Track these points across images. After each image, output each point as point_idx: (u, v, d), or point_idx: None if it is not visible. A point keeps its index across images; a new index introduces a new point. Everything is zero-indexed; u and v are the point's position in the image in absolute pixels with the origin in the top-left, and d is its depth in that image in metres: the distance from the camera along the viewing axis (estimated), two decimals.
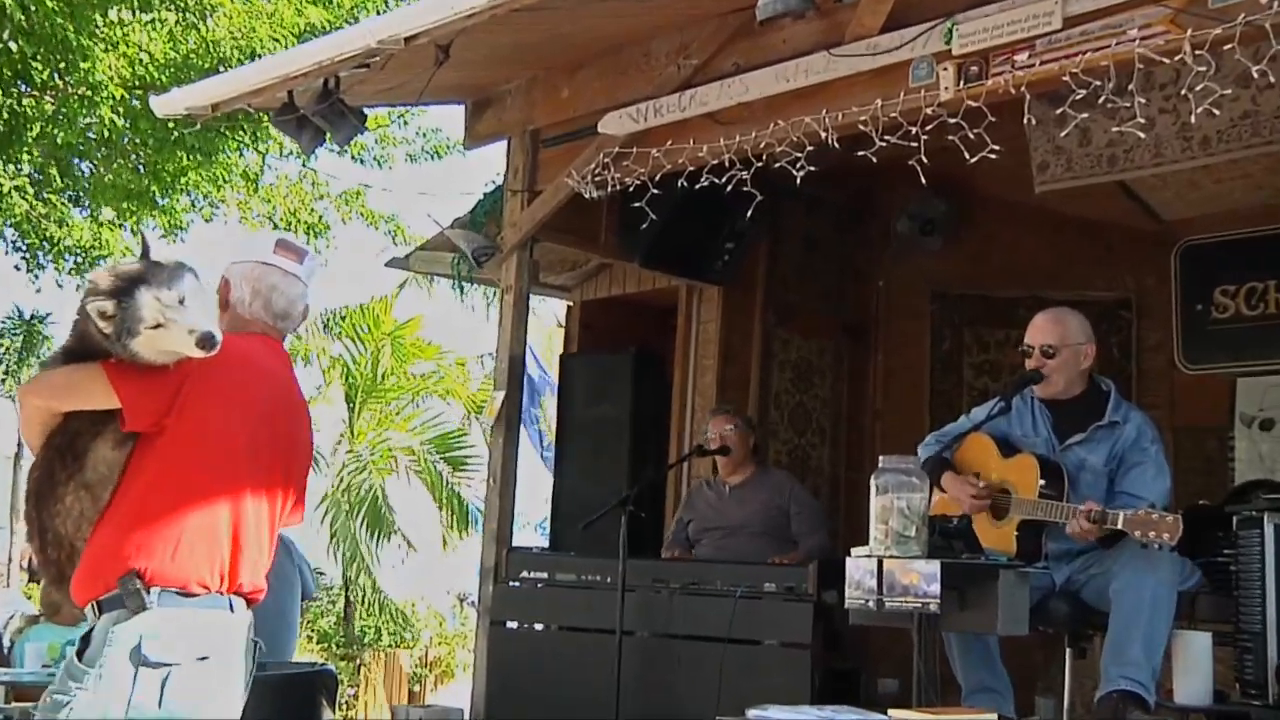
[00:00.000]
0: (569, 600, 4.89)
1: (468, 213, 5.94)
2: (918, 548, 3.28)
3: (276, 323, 2.69)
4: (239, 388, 2.52)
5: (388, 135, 10.58)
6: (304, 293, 2.72)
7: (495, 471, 5.23)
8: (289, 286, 2.69)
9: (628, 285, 6.56)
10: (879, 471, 3.35)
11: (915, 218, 6.22)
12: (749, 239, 5.96)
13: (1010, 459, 3.95)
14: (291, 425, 2.66)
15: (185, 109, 5.13)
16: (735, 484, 5.33)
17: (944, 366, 6.36)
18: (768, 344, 6.22)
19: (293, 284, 2.70)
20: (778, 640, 4.40)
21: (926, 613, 3.23)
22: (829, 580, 4.16)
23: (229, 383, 2.50)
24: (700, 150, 4.47)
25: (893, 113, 3.95)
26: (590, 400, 6.43)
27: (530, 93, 5.23)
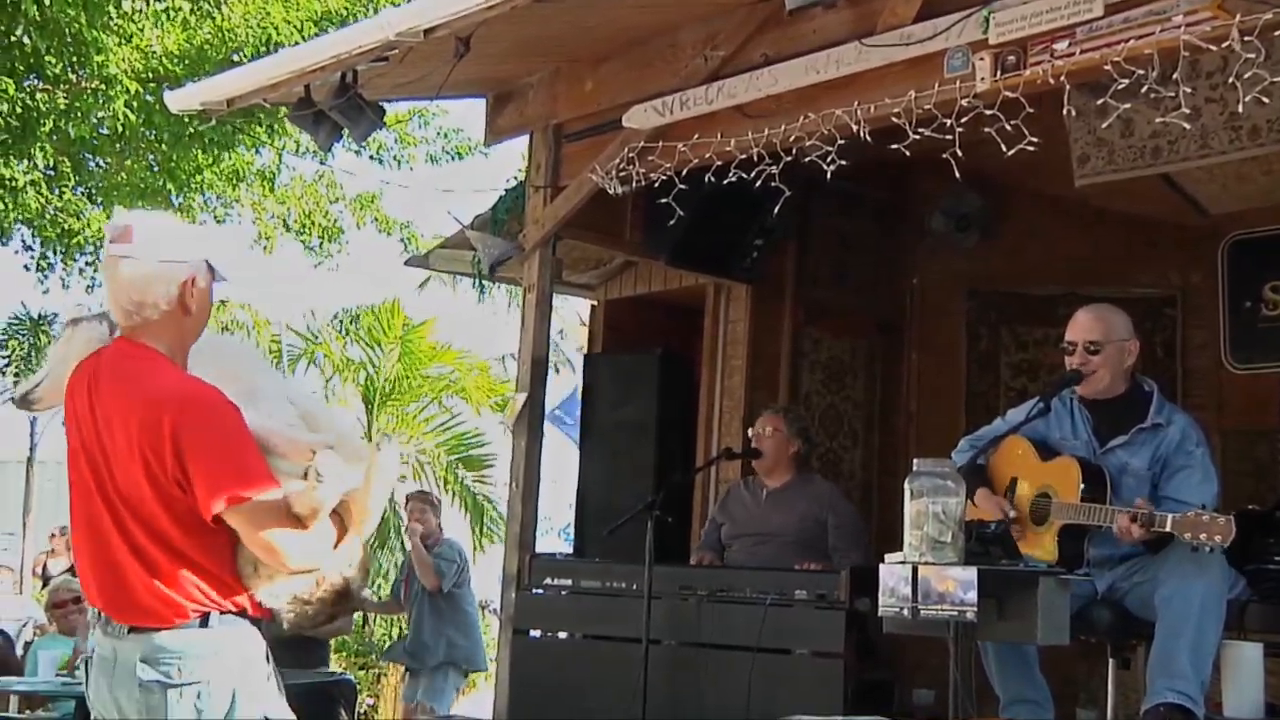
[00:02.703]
0: (594, 608, 4.89)
1: (489, 210, 5.95)
2: (954, 554, 3.27)
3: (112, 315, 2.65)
4: (68, 412, 2.61)
5: (407, 135, 10.63)
6: (118, 269, 2.57)
7: (518, 475, 5.24)
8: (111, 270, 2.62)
9: (653, 283, 6.55)
10: (913, 475, 3.34)
11: (950, 213, 6.19)
12: (778, 235, 5.95)
13: (1049, 462, 3.92)
14: (125, 426, 2.50)
15: (200, 104, 5.17)
16: (774, 488, 5.26)
17: (980, 366, 6.32)
18: (798, 343, 6.21)
19: (110, 266, 2.61)
20: (809, 649, 4.38)
21: (963, 621, 3.22)
22: (862, 587, 4.14)
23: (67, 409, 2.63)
24: (728, 144, 4.46)
25: (927, 104, 3.93)
26: (615, 402, 6.43)
27: (553, 86, 5.23)
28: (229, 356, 2.68)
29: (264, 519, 2.44)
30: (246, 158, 9.61)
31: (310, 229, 10.95)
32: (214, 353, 2.66)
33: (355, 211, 11.24)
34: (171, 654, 2.47)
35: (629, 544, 4.79)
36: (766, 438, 5.24)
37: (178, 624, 2.48)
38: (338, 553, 2.59)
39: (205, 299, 2.61)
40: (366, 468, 2.54)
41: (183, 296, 2.56)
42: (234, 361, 2.68)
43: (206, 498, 2.43)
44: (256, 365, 2.73)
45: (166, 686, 2.46)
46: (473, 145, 10.96)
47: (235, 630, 2.52)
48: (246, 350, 2.74)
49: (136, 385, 2.51)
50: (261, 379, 2.66)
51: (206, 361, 2.62)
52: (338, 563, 2.63)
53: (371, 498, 2.54)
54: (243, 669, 2.52)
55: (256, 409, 2.56)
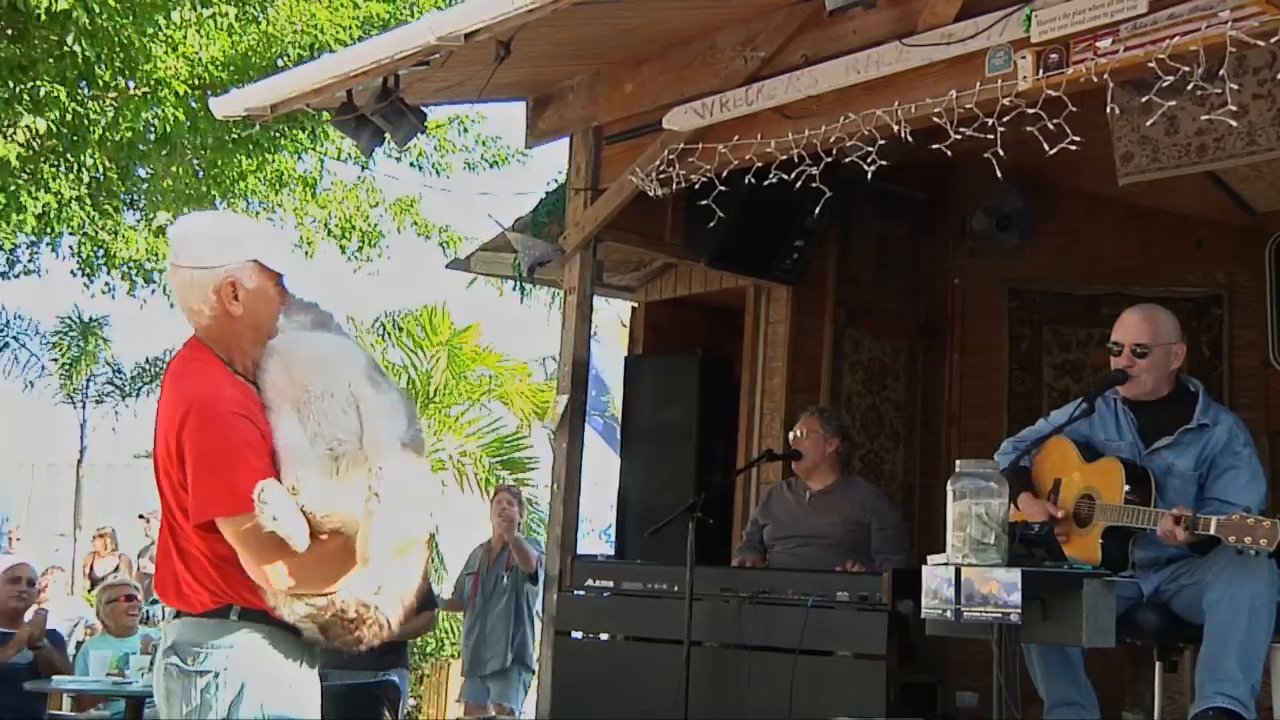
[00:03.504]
0: (635, 609, 4.89)
1: (529, 212, 5.97)
2: (997, 555, 3.24)
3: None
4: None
5: (446, 142, 10.69)
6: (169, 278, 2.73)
7: (559, 477, 5.25)
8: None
9: (694, 285, 6.55)
10: (956, 476, 3.32)
11: (992, 212, 6.15)
12: (818, 236, 5.93)
13: (1093, 463, 3.89)
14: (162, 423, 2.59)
15: (245, 110, 5.21)
16: (816, 490, 5.24)
17: (1023, 367, 6.28)
18: (838, 345, 6.18)
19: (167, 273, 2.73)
20: (851, 651, 4.36)
21: (1007, 623, 3.19)
22: (904, 589, 4.13)
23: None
24: (768, 145, 4.45)
25: (968, 104, 3.91)
26: (656, 403, 6.44)
27: (593, 88, 5.24)
28: (300, 359, 2.62)
29: (252, 541, 2.45)
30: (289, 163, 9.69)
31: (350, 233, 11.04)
32: (289, 353, 2.63)
33: (396, 215, 11.31)
34: (191, 642, 2.53)
35: (670, 546, 4.79)
36: (804, 439, 5.23)
37: (201, 612, 2.53)
38: (343, 581, 2.52)
39: (256, 299, 2.60)
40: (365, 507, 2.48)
41: (222, 300, 2.58)
42: (304, 366, 2.61)
43: (193, 509, 2.49)
44: (326, 370, 2.61)
45: (181, 672, 2.52)
46: (511, 153, 11.01)
47: (254, 626, 2.54)
48: (325, 353, 2.66)
49: (178, 385, 2.58)
50: (326, 385, 2.59)
51: (279, 362, 2.62)
52: (348, 589, 2.54)
53: (368, 541, 2.47)
54: (257, 666, 2.52)
55: (301, 419, 2.54)
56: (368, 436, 2.54)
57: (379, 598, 2.58)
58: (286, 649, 2.57)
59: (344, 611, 2.53)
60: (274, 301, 2.64)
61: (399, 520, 2.50)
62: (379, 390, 2.62)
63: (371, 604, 2.56)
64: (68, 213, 8.69)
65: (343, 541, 2.52)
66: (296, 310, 2.73)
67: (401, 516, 2.50)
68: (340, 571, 2.52)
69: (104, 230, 9.49)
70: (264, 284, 2.61)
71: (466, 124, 10.59)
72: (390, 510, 2.47)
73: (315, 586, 2.52)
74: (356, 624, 2.55)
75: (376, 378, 2.64)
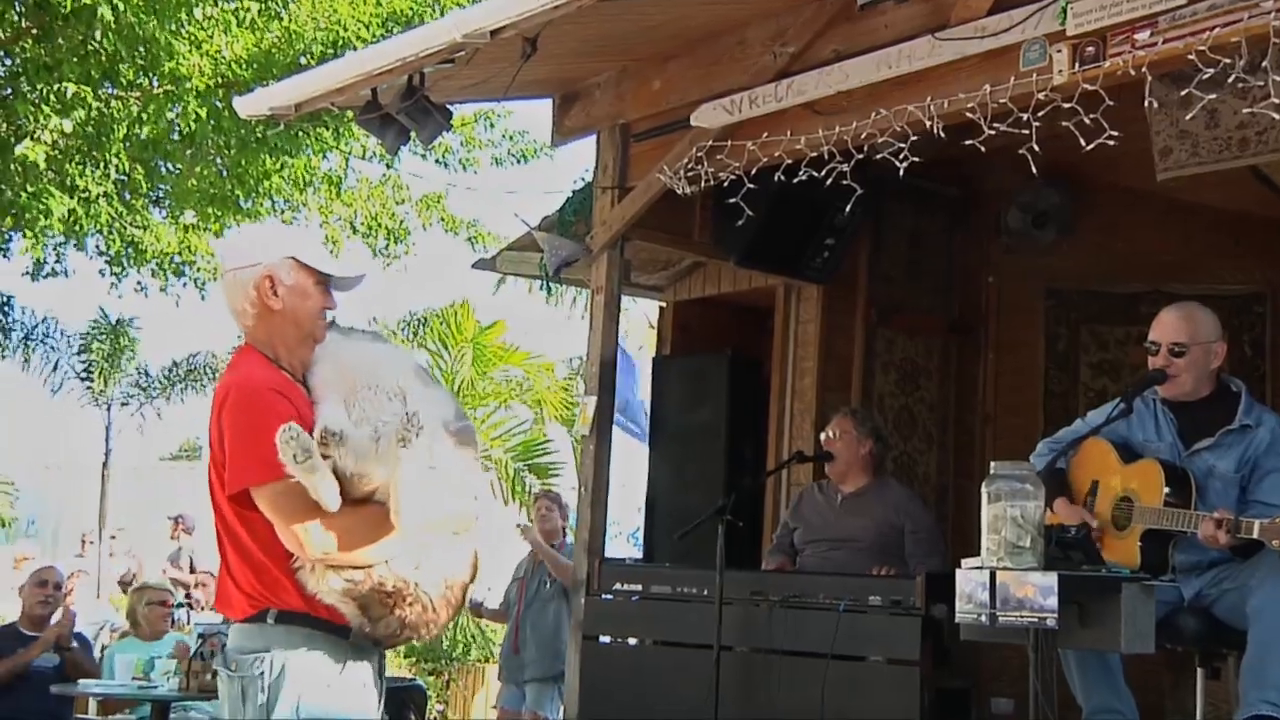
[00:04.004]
0: (664, 614, 4.89)
1: (556, 211, 5.98)
2: (1033, 559, 3.22)
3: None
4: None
5: (473, 138, 10.71)
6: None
7: (586, 480, 5.25)
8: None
9: (723, 284, 6.54)
10: (991, 478, 3.30)
11: (1027, 209, 6.11)
12: (850, 234, 5.91)
13: (1131, 465, 3.86)
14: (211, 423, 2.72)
15: (269, 109, 5.24)
16: (848, 493, 5.22)
17: (1059, 367, 6.24)
18: (870, 344, 6.16)
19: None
20: (884, 657, 4.35)
21: (1043, 628, 3.17)
22: (938, 593, 4.11)
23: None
24: (798, 142, 4.44)
25: (1002, 98, 3.88)
26: (685, 404, 6.44)
27: (620, 85, 5.24)
28: (348, 358, 2.73)
29: (285, 505, 2.53)
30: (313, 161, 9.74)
31: (376, 230, 11.08)
32: (338, 353, 2.74)
33: (421, 213, 11.35)
34: (236, 647, 2.64)
35: (699, 549, 4.78)
36: (837, 440, 5.20)
37: (243, 619, 2.63)
38: (377, 550, 2.58)
39: (295, 294, 2.71)
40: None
41: (261, 298, 2.70)
42: (353, 364, 2.72)
43: (229, 480, 2.58)
44: (373, 367, 2.71)
45: (229, 677, 2.63)
46: (538, 147, 11.01)
47: (292, 629, 2.60)
48: (373, 353, 2.79)
49: (222, 380, 2.77)
50: (373, 379, 2.68)
51: (329, 362, 2.73)
52: (377, 555, 2.59)
53: (399, 506, 2.55)
54: (294, 667, 2.58)
55: (346, 408, 2.63)
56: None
57: (419, 574, 2.62)
58: (328, 649, 2.62)
59: (382, 585, 2.58)
60: (314, 298, 2.73)
61: (435, 496, 2.58)
62: (427, 386, 2.72)
63: (411, 580, 2.60)
64: (95, 209, 8.77)
65: (379, 509, 2.59)
66: (353, 330, 2.86)
67: (439, 493, 2.58)
68: (375, 536, 2.58)
69: (132, 225, 9.56)
70: (303, 280, 2.72)
71: (493, 119, 10.59)
72: (427, 482, 2.55)
73: (349, 550, 2.56)
74: (395, 600, 2.59)
75: (425, 377, 2.76)
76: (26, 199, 8.36)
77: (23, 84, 8.21)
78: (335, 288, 2.79)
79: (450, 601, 2.68)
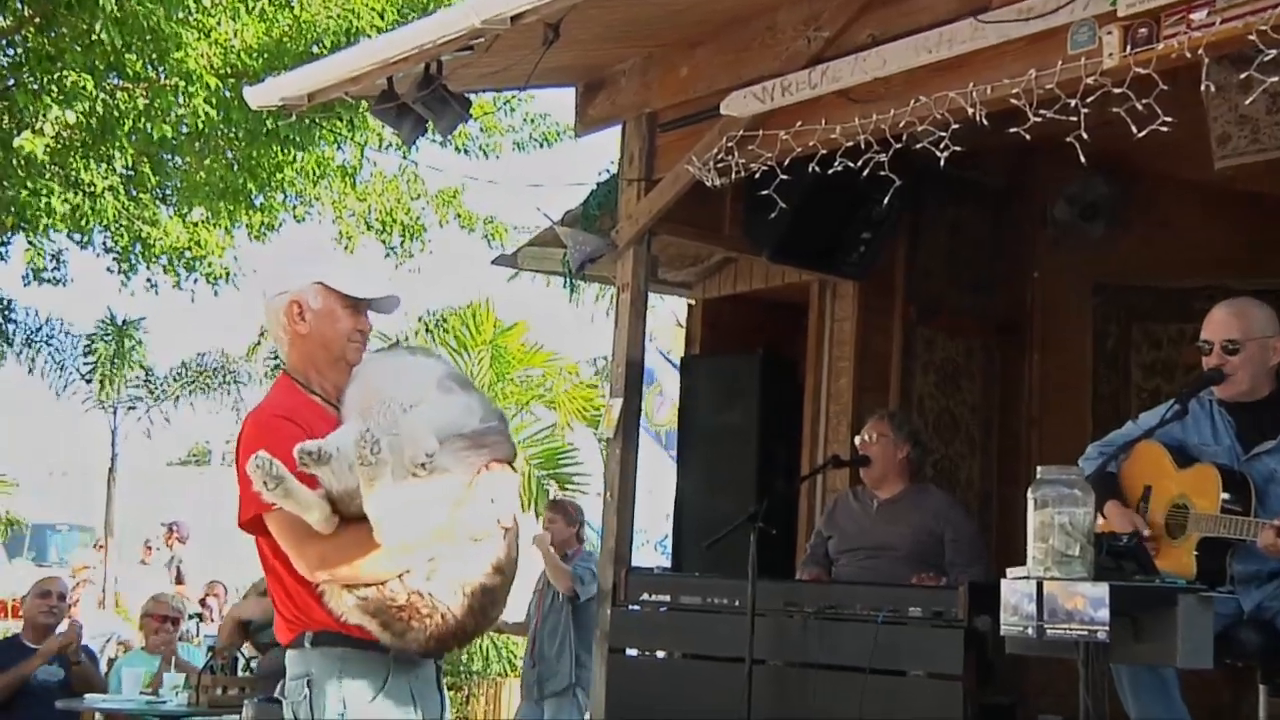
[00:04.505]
0: (693, 625, 4.89)
1: (579, 205, 5.99)
2: (1082, 568, 3.20)
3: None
4: None
5: (493, 123, 10.73)
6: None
7: (612, 485, 5.26)
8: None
9: (754, 281, 6.54)
10: (1037, 484, 3.28)
11: (1075, 201, 6.09)
12: (887, 228, 5.90)
13: (1186, 470, 3.84)
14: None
15: (280, 99, 5.28)
16: (884, 499, 5.21)
17: (1109, 367, 6.22)
18: (909, 344, 6.16)
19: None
20: (924, 671, 4.34)
21: (1094, 642, 3.15)
22: (982, 604, 4.09)
23: None
24: (833, 131, 4.44)
25: (1049, 84, 3.87)
26: (714, 406, 6.44)
27: (646, 73, 5.25)
28: (374, 372, 2.83)
29: (284, 529, 2.66)
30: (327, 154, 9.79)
31: (391, 227, 11.13)
32: (366, 370, 2.85)
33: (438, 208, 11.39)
34: (288, 674, 2.76)
35: (730, 558, 4.78)
36: (873, 444, 5.19)
37: (287, 645, 2.76)
38: (380, 562, 2.63)
39: (322, 319, 2.85)
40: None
41: (291, 323, 2.85)
42: (378, 378, 2.81)
43: (239, 510, 2.71)
44: (395, 379, 2.79)
45: (285, 704, 2.75)
46: (561, 131, 11.03)
47: (327, 650, 2.70)
48: (399, 365, 2.90)
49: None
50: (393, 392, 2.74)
51: (359, 380, 2.83)
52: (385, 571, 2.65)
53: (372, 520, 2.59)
54: (331, 692, 2.68)
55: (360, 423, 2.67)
56: (406, 428, 2.64)
57: (432, 584, 2.67)
58: (365, 666, 2.70)
59: (393, 600, 2.64)
60: (342, 321, 2.85)
61: (417, 512, 2.61)
62: (448, 394, 2.76)
63: (425, 591, 2.65)
64: (100, 204, 8.83)
65: (367, 526, 2.64)
66: (399, 347, 2.96)
67: (423, 509, 2.61)
68: (367, 552, 2.63)
69: (140, 220, 9.63)
70: (330, 304, 2.85)
71: (514, 104, 10.61)
72: (407, 499, 2.58)
73: (338, 568, 2.65)
74: (410, 613, 2.64)
75: (449, 384, 2.80)
76: (27, 196, 8.43)
77: (25, 74, 8.29)
78: (374, 309, 2.90)
79: (473, 608, 2.71)
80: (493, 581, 2.73)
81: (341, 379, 2.85)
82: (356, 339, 2.86)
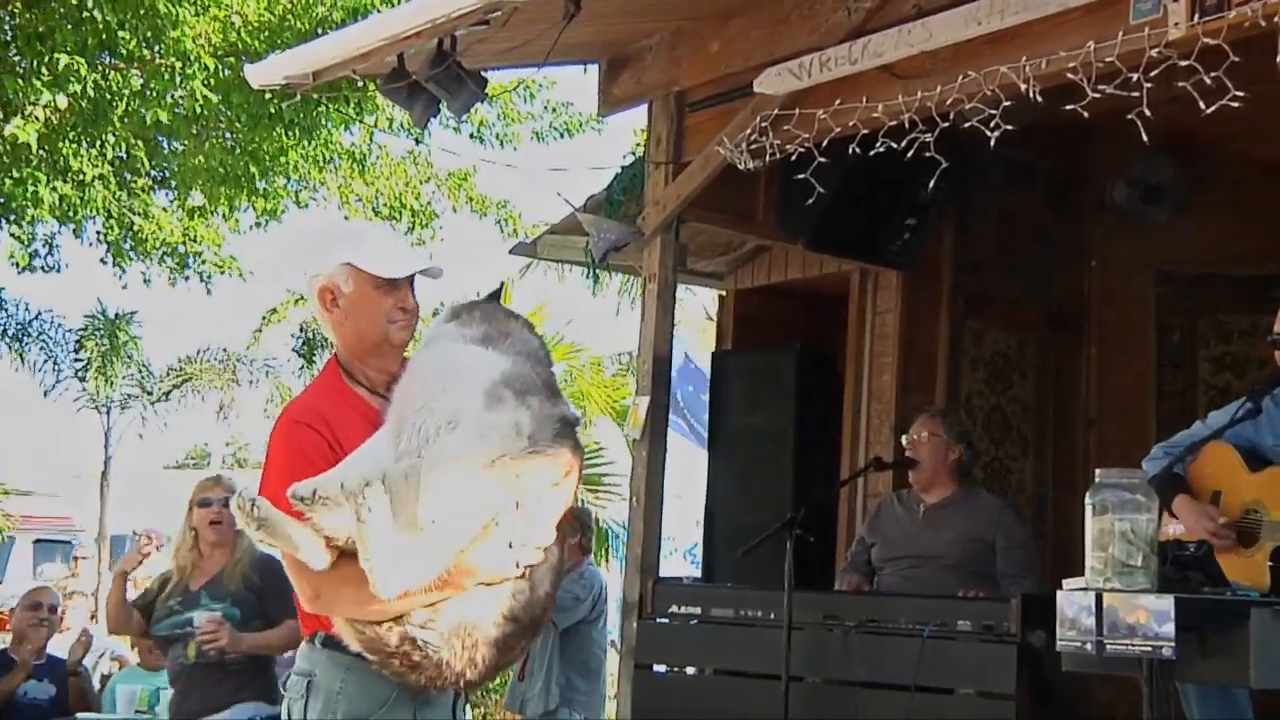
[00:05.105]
0: (726, 640, 4.89)
1: (603, 189, 5.99)
2: (1145, 579, 3.18)
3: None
4: None
5: (511, 110, 10.73)
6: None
7: (638, 489, 5.26)
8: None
9: (790, 271, 6.55)
10: (1096, 488, 3.26)
11: (1136, 183, 6.07)
12: (933, 214, 5.90)
13: (1260, 473, 3.82)
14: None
15: (284, 78, 5.30)
16: (932, 504, 5.19)
17: (1174, 362, 6.21)
18: (957, 338, 6.15)
19: None
20: (974, 689, 4.33)
21: (1159, 659, 3.13)
22: (1035, 618, 4.08)
23: None
24: (875, 110, 4.43)
25: (1109, 57, 3.85)
26: (748, 406, 6.44)
27: (674, 48, 5.25)
28: (420, 373, 2.74)
29: (286, 555, 2.63)
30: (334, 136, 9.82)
31: (401, 213, 11.16)
32: (415, 367, 2.78)
33: (450, 193, 11.41)
34: (295, 669, 2.79)
35: (765, 567, 4.78)
36: (923, 444, 5.17)
37: (304, 640, 2.79)
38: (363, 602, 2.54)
39: (355, 304, 2.79)
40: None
41: (324, 307, 2.83)
42: (421, 380, 2.73)
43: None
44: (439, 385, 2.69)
45: (285, 698, 2.78)
46: (584, 121, 11.03)
47: (333, 654, 2.70)
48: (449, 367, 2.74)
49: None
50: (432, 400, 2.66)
51: (407, 376, 2.77)
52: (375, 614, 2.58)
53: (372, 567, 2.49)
54: (325, 698, 2.69)
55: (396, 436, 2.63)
56: (428, 455, 2.55)
57: (427, 633, 2.58)
58: (366, 683, 2.67)
59: (385, 643, 2.60)
60: (378, 302, 2.79)
61: (426, 555, 2.50)
62: (494, 408, 2.62)
63: (420, 640, 2.58)
64: (90, 193, 8.87)
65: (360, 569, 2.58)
66: (472, 321, 2.82)
67: (433, 551, 2.50)
68: (358, 589, 2.53)
69: (132, 211, 9.67)
70: (362, 288, 2.79)
71: (534, 89, 10.61)
72: (411, 543, 2.47)
73: (339, 607, 2.62)
74: (399, 659, 2.59)
75: (502, 393, 2.64)
76: (11, 186, 8.49)
77: (12, 55, 8.34)
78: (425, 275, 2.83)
79: (474, 660, 2.60)
80: (504, 630, 2.61)
81: (389, 364, 2.80)
82: (398, 318, 2.80)
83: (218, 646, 4.75)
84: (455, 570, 2.54)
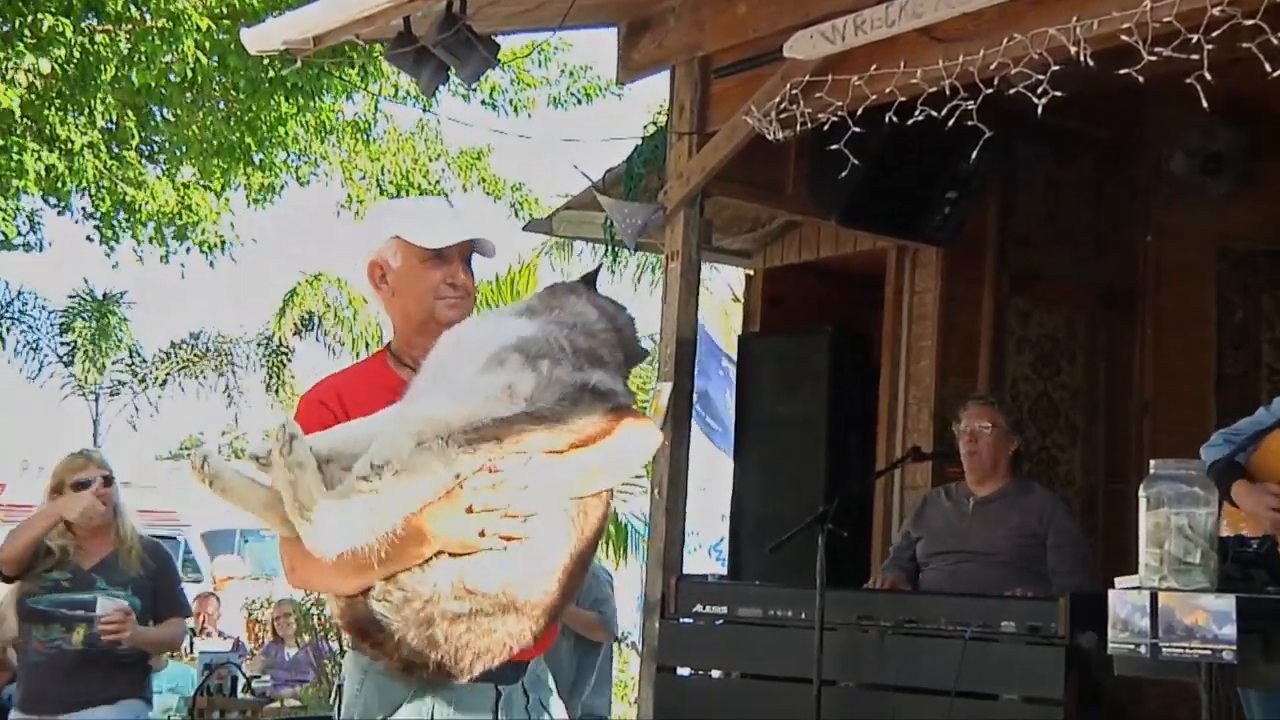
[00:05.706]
0: (753, 641, 4.90)
1: (623, 162, 5.99)
2: (1204, 578, 3.18)
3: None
4: None
5: (526, 74, 10.72)
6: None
7: (661, 483, 5.27)
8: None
9: (822, 248, 6.55)
10: (1150, 479, 3.26)
11: (1195, 153, 6.05)
12: (976, 186, 5.89)
13: None
14: None
15: (282, 42, 5.31)
16: (982, 496, 5.21)
17: (1235, 344, 6.20)
18: (1001, 319, 6.15)
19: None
20: (1019, 694, 4.34)
21: (1218, 663, 3.13)
22: (1085, 619, 4.09)
23: None
24: (913, 75, 4.42)
25: (1166, 17, 3.83)
26: (777, 392, 6.45)
27: (698, 11, 5.24)
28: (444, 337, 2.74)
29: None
30: (336, 106, 9.84)
31: (408, 190, 11.17)
32: (448, 332, 2.76)
33: (461, 171, 11.42)
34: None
35: (795, 564, 4.80)
36: (984, 435, 5.16)
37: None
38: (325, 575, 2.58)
39: (402, 279, 2.82)
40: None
41: (375, 285, 2.86)
42: (438, 350, 2.73)
43: None
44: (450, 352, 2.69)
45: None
46: (603, 86, 11.02)
47: (356, 655, 2.74)
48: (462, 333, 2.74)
49: None
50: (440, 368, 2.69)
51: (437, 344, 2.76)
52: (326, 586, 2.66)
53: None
54: (348, 697, 2.74)
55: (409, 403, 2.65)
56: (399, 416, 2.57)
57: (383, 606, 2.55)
58: (381, 683, 2.68)
59: (350, 621, 2.65)
60: (425, 277, 2.80)
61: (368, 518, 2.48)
62: (492, 370, 2.59)
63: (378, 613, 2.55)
64: (79, 163, 8.89)
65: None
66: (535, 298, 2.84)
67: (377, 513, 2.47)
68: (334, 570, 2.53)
69: (124, 182, 9.68)
70: (410, 261, 2.81)
71: (549, 53, 10.59)
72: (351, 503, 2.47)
73: (316, 582, 2.72)
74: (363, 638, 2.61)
75: (506, 357, 2.61)
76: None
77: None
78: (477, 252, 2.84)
79: (433, 638, 2.54)
80: (461, 608, 2.53)
81: (431, 344, 2.76)
82: (446, 294, 2.79)
83: (119, 639, 4.65)
84: (407, 533, 2.49)
